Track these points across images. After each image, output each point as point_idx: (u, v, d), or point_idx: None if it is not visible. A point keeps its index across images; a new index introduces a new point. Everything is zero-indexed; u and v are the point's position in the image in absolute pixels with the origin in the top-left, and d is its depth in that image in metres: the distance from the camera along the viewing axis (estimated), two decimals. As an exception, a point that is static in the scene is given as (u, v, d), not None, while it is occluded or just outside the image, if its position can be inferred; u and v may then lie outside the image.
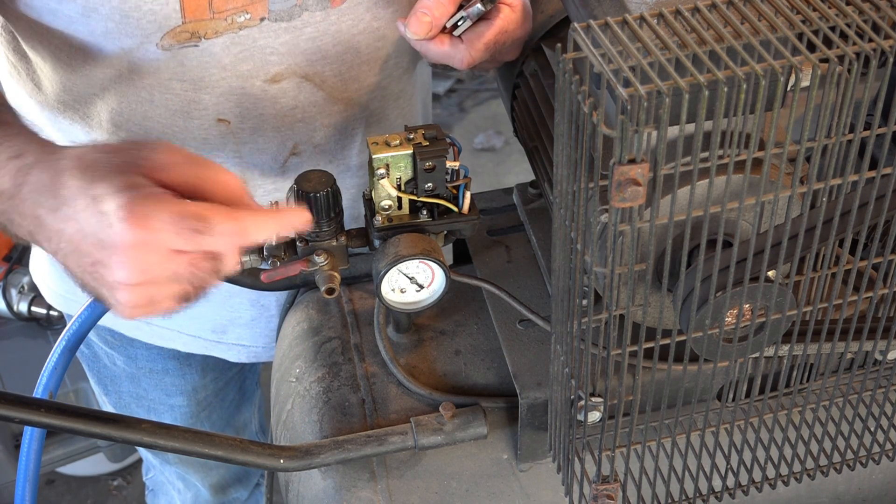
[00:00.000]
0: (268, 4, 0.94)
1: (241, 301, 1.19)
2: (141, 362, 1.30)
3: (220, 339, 1.24)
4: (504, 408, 0.94)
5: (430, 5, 0.93)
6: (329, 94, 1.03)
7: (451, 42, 0.96)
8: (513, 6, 0.96)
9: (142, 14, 0.90)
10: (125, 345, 1.29)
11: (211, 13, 0.92)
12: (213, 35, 0.94)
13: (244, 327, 1.22)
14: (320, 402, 0.97)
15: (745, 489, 0.86)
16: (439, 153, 0.87)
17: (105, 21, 0.91)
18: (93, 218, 0.71)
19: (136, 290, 0.73)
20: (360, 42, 1.02)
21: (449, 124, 3.24)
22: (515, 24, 0.97)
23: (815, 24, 0.62)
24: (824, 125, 0.63)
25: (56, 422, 0.82)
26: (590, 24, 0.61)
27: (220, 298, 1.18)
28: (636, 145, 0.59)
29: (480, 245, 1.05)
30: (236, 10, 0.93)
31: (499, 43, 0.96)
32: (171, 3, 0.90)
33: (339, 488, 0.92)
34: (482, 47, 0.95)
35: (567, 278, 0.71)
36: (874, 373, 0.84)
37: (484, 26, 0.95)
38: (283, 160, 1.06)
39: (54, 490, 2.29)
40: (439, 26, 0.94)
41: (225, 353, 1.25)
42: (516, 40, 0.99)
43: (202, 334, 1.23)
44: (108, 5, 0.89)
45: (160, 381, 1.32)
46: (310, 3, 0.97)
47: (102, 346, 1.31)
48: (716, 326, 0.71)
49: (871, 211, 0.69)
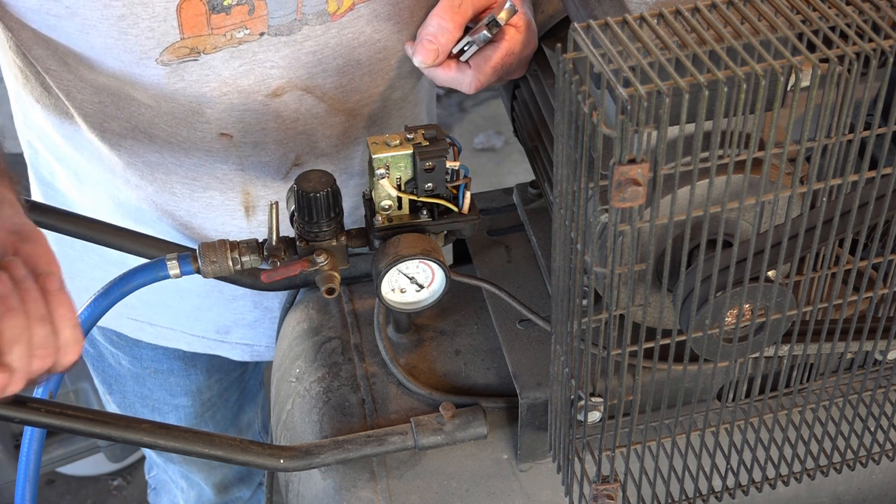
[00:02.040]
0: (267, 20, 0.94)
1: (245, 304, 1.19)
2: (146, 362, 1.30)
3: (223, 339, 1.24)
4: (504, 408, 0.94)
5: (435, 33, 0.93)
6: (331, 105, 1.03)
7: (458, 67, 0.96)
8: (518, 27, 0.96)
9: (139, 31, 0.90)
10: (130, 345, 1.29)
11: (209, 29, 0.92)
12: (213, 50, 0.93)
13: (248, 328, 1.23)
14: (320, 402, 0.97)
15: (745, 489, 0.86)
16: (439, 153, 0.87)
17: (103, 37, 0.91)
18: None
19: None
20: (362, 55, 1.01)
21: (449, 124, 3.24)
22: (521, 44, 0.96)
23: (815, 24, 0.62)
24: (824, 125, 0.63)
25: (56, 422, 0.82)
26: (590, 24, 0.61)
27: (224, 301, 1.19)
28: (636, 145, 0.59)
29: (480, 245, 1.05)
30: (235, 26, 0.93)
31: (506, 65, 0.96)
32: (168, 19, 0.90)
33: (339, 488, 0.92)
34: (490, 71, 0.95)
35: (567, 278, 0.71)
36: (874, 373, 0.84)
37: (490, 50, 0.95)
38: (285, 171, 1.06)
39: (54, 490, 2.29)
40: (446, 52, 0.95)
41: (229, 353, 1.25)
42: (523, 59, 0.99)
43: (206, 334, 1.23)
44: (105, 22, 0.89)
45: (165, 381, 1.32)
46: (310, 17, 0.96)
47: (108, 345, 1.31)
48: (716, 326, 0.71)
49: (871, 211, 0.69)
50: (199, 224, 1.09)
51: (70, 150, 1.09)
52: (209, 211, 1.08)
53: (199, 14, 0.90)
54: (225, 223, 1.09)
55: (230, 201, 1.07)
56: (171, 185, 1.06)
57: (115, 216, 1.11)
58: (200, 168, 1.04)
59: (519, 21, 0.96)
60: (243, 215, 1.08)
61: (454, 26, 0.94)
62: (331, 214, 0.89)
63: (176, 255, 0.93)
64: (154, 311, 1.21)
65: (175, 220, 1.10)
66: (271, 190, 1.07)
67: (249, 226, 1.09)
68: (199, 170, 1.04)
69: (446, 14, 0.94)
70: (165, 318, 1.22)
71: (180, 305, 1.20)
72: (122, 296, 0.94)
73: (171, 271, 0.92)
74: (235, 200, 1.07)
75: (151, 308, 1.21)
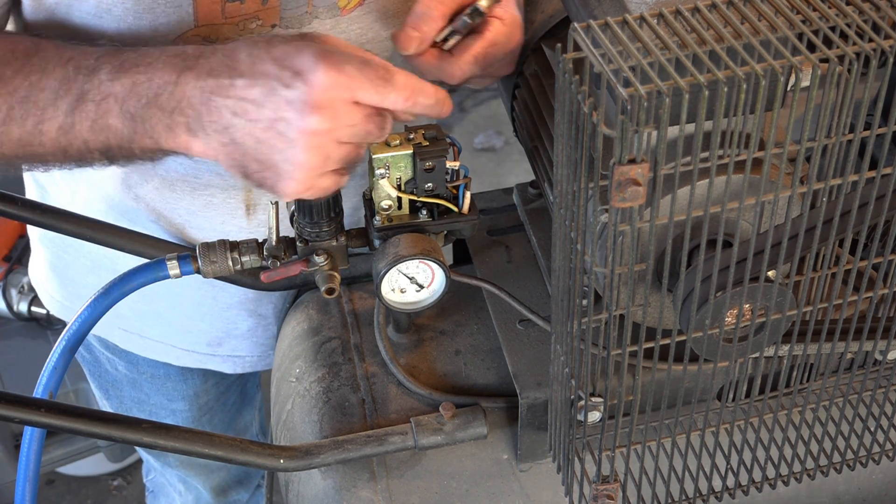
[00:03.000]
0: (279, 11, 0.94)
1: (239, 313, 1.19)
2: (143, 367, 1.30)
3: (214, 353, 1.23)
4: (504, 408, 0.94)
5: (417, 21, 0.94)
6: None
7: (440, 56, 0.96)
8: (503, 20, 0.96)
9: (155, 16, 0.90)
10: (126, 351, 1.28)
11: (223, 18, 0.92)
12: (224, 41, 0.94)
13: (240, 338, 1.22)
14: (320, 402, 0.97)
15: (745, 489, 0.86)
16: (439, 153, 0.88)
17: (118, 22, 0.90)
18: (280, 73, 0.76)
19: (318, 142, 0.77)
20: (370, 50, 1.01)
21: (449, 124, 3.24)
22: (506, 37, 0.97)
23: (815, 24, 0.62)
24: (824, 125, 0.63)
25: (56, 422, 0.82)
26: (590, 24, 0.61)
27: (217, 309, 1.18)
28: (636, 145, 0.59)
29: (480, 245, 1.05)
30: (247, 17, 0.93)
31: (489, 56, 0.96)
32: (184, 5, 0.90)
33: (339, 488, 0.92)
34: (471, 60, 0.95)
35: (567, 278, 0.71)
36: (874, 373, 0.84)
37: (472, 39, 0.96)
38: None
39: (54, 490, 2.29)
40: (428, 41, 0.95)
41: (220, 366, 1.25)
42: (508, 53, 0.99)
43: (197, 348, 1.23)
44: (121, 6, 0.89)
45: (162, 386, 1.32)
46: (320, 10, 0.97)
47: (104, 350, 1.30)
48: (716, 326, 0.71)
49: (871, 211, 0.69)
50: (198, 224, 1.09)
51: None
52: (209, 209, 1.07)
53: (214, 2, 0.90)
54: (225, 222, 1.09)
55: (231, 199, 1.07)
56: (171, 182, 1.06)
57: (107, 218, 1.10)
58: (202, 164, 1.04)
59: (504, 14, 0.96)
60: (244, 214, 1.08)
61: (438, 15, 0.94)
62: (331, 215, 0.89)
63: (176, 255, 0.93)
64: (144, 322, 1.21)
65: (171, 224, 1.09)
66: None
67: (249, 225, 1.09)
68: (201, 166, 1.04)
69: (430, 3, 0.94)
70: (156, 329, 1.21)
71: (171, 315, 1.19)
72: (123, 296, 0.94)
73: (171, 271, 0.92)
74: (237, 198, 1.07)
75: (142, 319, 1.20)
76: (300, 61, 0.76)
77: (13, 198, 0.99)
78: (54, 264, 1.23)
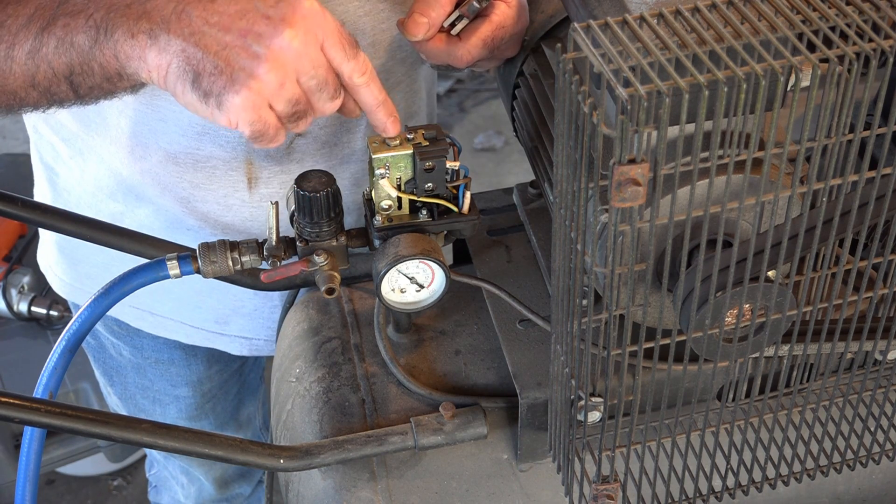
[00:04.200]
0: None
1: (245, 290, 1.20)
2: (147, 352, 1.31)
3: (222, 331, 1.25)
4: (504, 408, 0.94)
5: (426, 7, 0.94)
6: None
7: (448, 41, 0.97)
8: (508, 2, 0.97)
9: None
10: (131, 335, 1.29)
11: None
12: None
13: (247, 317, 1.23)
14: (320, 402, 0.97)
15: (745, 489, 0.86)
16: (439, 153, 0.88)
17: None
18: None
19: (280, 64, 0.78)
20: (366, 24, 1.02)
21: (449, 124, 3.24)
22: (512, 19, 0.98)
23: (815, 24, 0.62)
24: (824, 125, 0.63)
25: (56, 422, 0.82)
26: (590, 24, 0.61)
27: (223, 287, 1.19)
28: (636, 145, 0.59)
29: (480, 245, 1.05)
30: None
31: (496, 39, 0.97)
32: None
33: (339, 488, 0.92)
34: (479, 43, 0.96)
35: (567, 278, 0.71)
36: (874, 373, 0.84)
37: (480, 23, 0.97)
38: (288, 142, 1.07)
39: (54, 490, 2.29)
40: (436, 26, 0.95)
41: (227, 346, 1.26)
42: (514, 35, 1.00)
43: (205, 325, 1.24)
44: None
45: (166, 372, 1.33)
46: None
47: (109, 336, 1.32)
48: (716, 326, 0.71)
49: (871, 211, 0.69)
50: (202, 197, 1.09)
51: (75, 126, 1.10)
52: (212, 182, 1.08)
53: None
54: (228, 195, 1.09)
55: (234, 171, 1.07)
56: (174, 155, 1.06)
57: (116, 195, 1.12)
58: (204, 136, 1.04)
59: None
60: (246, 187, 1.09)
61: (445, 0, 0.95)
62: (331, 215, 0.89)
63: (176, 255, 0.93)
64: (155, 299, 1.22)
65: (178, 197, 1.10)
66: (274, 162, 1.08)
67: (252, 199, 1.10)
68: (203, 137, 1.04)
69: None
70: (166, 306, 1.23)
71: (181, 291, 1.20)
72: (123, 296, 0.94)
73: (171, 271, 0.93)
74: (239, 171, 1.07)
75: (152, 296, 1.21)
76: None
77: (13, 198, 0.99)
78: (62, 246, 1.24)
